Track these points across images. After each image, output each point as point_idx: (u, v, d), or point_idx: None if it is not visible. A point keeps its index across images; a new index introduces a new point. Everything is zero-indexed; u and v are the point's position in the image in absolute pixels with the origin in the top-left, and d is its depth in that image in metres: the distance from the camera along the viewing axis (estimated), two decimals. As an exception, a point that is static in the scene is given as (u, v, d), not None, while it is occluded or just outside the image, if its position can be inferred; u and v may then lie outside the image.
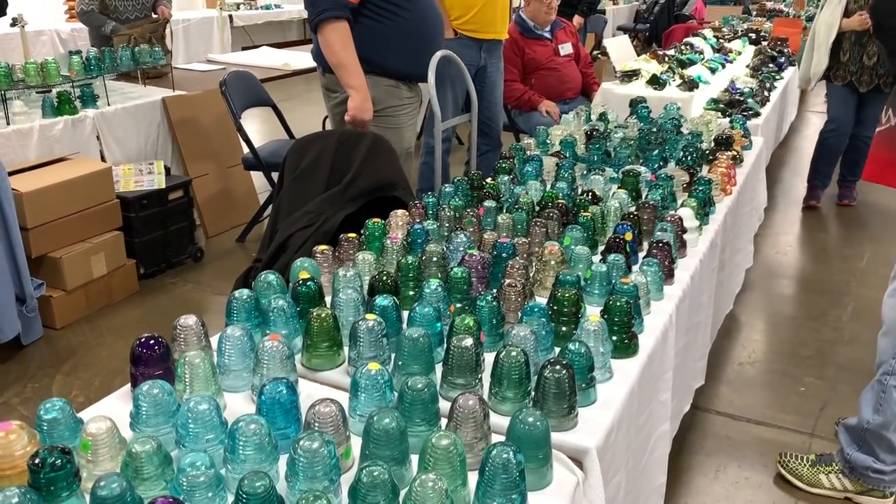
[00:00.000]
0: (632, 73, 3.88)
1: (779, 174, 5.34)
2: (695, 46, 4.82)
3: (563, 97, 4.60)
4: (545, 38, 4.61)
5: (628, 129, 2.92)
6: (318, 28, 2.65)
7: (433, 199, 2.13)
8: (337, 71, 2.70)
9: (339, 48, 2.64)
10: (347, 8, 2.63)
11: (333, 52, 2.65)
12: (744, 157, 2.81)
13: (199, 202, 3.85)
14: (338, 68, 2.68)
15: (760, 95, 3.92)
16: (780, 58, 5.02)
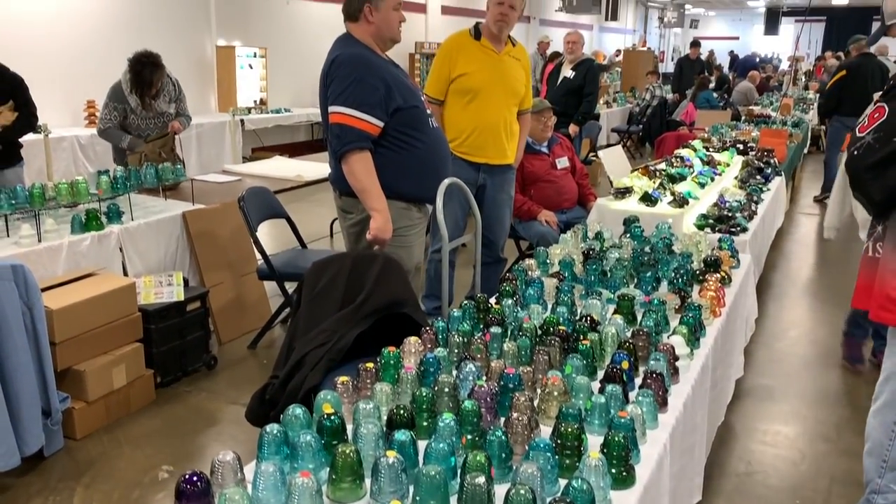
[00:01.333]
0: (625, 191, 4.12)
1: (770, 278, 5.52)
2: (685, 159, 5.09)
3: (561, 207, 4.84)
4: (543, 153, 4.89)
5: (623, 249, 3.11)
6: (344, 157, 2.89)
7: (443, 325, 2.29)
8: (361, 196, 2.93)
9: (363, 176, 2.88)
10: (369, 139, 2.89)
11: (358, 180, 2.89)
12: (732, 277, 2.99)
13: (213, 310, 4.01)
14: (362, 193, 2.91)
15: (748, 210, 4.14)
16: (767, 169, 5.28)
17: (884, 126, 2.01)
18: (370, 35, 2.98)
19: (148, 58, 4.48)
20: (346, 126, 2.84)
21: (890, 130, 2.00)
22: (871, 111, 2.10)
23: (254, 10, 9.81)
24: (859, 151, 2.07)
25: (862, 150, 2.05)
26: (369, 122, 2.86)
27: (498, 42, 3.91)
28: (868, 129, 2.06)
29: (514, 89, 3.95)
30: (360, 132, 2.85)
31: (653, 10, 26.55)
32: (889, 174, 2.02)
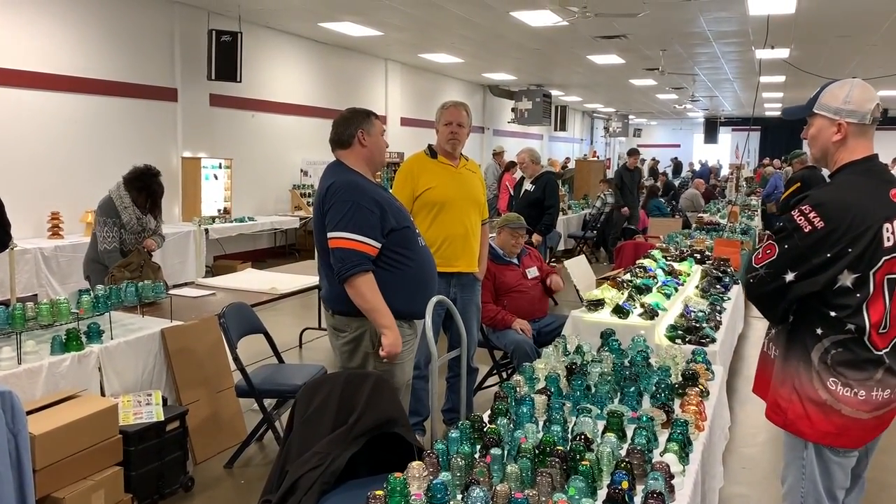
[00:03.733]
0: (597, 303, 4.28)
1: (734, 384, 5.67)
2: (648, 269, 5.32)
3: (533, 316, 4.98)
4: (514, 264, 5.06)
5: (604, 363, 3.22)
6: (349, 281, 2.99)
7: (442, 447, 2.33)
8: (370, 315, 3.02)
9: (371, 296, 2.99)
10: (371, 261, 3.00)
11: (367, 300, 3.00)
12: (710, 389, 3.11)
13: (189, 429, 3.95)
14: (371, 312, 3.01)
15: (714, 319, 4.33)
16: (725, 278, 5.54)
17: (773, 264, 2.29)
18: (363, 160, 3.15)
19: (153, 171, 4.59)
20: (348, 250, 2.96)
21: (779, 268, 2.27)
22: (765, 245, 2.35)
23: (220, 122, 10.07)
24: (754, 281, 2.35)
25: (756, 280, 2.34)
26: (369, 244, 2.99)
27: (453, 158, 4.17)
28: (762, 263, 2.32)
29: (475, 199, 4.19)
30: (362, 255, 2.98)
31: (598, 121, 27.93)
32: (778, 304, 2.33)
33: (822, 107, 2.34)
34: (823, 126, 2.33)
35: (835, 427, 2.29)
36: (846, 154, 2.32)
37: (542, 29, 10.03)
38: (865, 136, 2.32)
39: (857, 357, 2.26)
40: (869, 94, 2.31)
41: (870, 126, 2.32)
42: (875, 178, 2.31)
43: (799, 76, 13.40)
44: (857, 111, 2.29)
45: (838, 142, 2.31)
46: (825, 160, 2.39)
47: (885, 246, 2.20)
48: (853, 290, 2.22)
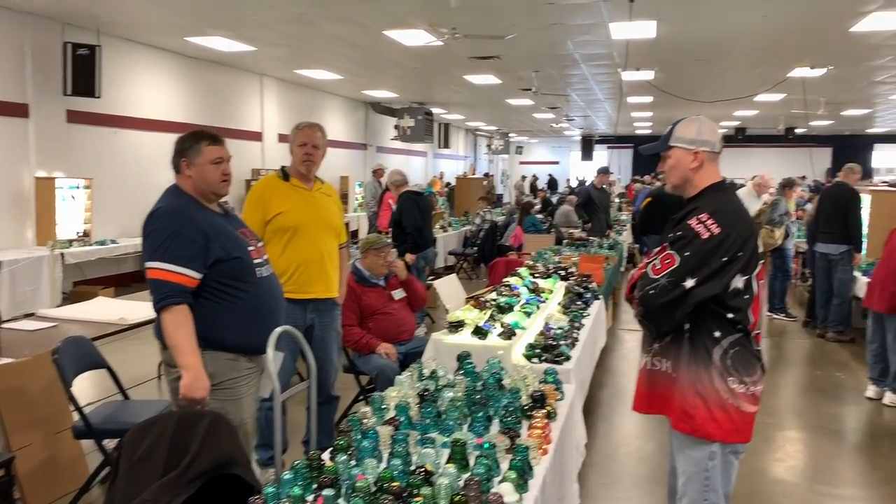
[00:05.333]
0: (458, 324, 4.27)
1: (598, 397, 5.83)
2: (513, 287, 5.38)
3: (400, 339, 4.91)
4: (380, 286, 4.99)
5: (456, 388, 3.20)
6: (160, 312, 2.80)
7: (273, 490, 2.22)
8: (172, 351, 2.84)
9: (173, 331, 2.81)
10: (187, 293, 2.83)
11: (169, 335, 2.82)
12: (558, 410, 3.14)
13: (20, 476, 3.62)
14: (173, 349, 2.83)
15: (571, 337, 4.41)
16: (587, 294, 5.68)
17: (675, 272, 2.42)
18: (191, 188, 2.99)
19: None
20: (161, 281, 2.80)
21: (680, 276, 2.41)
22: (663, 256, 2.48)
23: (79, 140, 9.48)
24: (655, 291, 2.45)
25: (658, 289, 2.44)
26: (187, 275, 2.83)
27: (307, 180, 4.05)
28: (662, 273, 2.44)
29: (330, 223, 4.08)
30: (177, 286, 2.81)
31: (481, 138, 28.46)
32: (677, 311, 2.44)
33: (678, 140, 2.62)
34: (681, 156, 2.60)
35: (735, 424, 2.48)
36: (705, 178, 2.59)
37: (417, 48, 10.07)
38: (716, 163, 2.63)
39: (750, 354, 2.50)
40: (715, 127, 2.65)
41: (718, 154, 2.63)
42: (736, 195, 2.65)
43: (665, 97, 14.10)
44: (710, 141, 2.60)
45: (696, 168, 2.58)
46: (684, 187, 2.63)
47: (759, 252, 2.54)
48: (743, 291, 2.45)
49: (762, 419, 5.21)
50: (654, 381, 2.63)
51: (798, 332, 8.43)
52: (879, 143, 28.34)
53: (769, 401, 5.82)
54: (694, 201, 2.58)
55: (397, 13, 8.12)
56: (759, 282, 2.52)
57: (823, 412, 5.67)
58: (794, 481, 4.47)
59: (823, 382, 6.46)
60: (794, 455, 4.91)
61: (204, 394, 2.82)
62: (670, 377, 2.57)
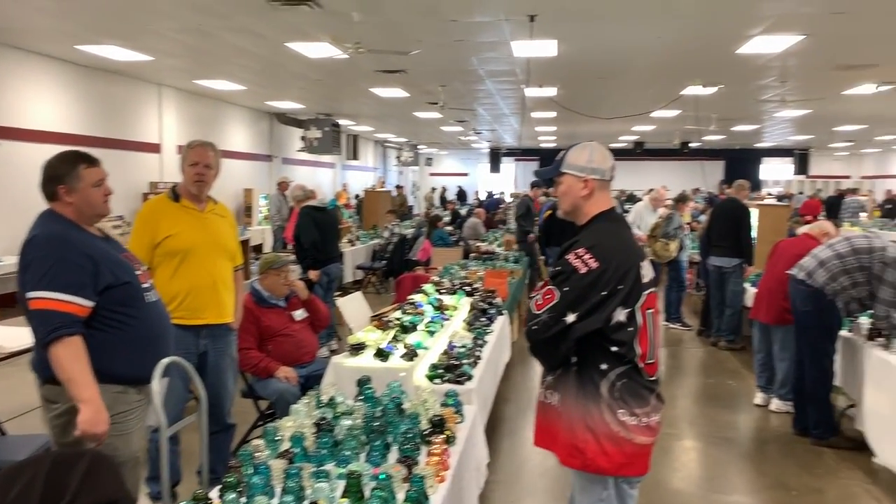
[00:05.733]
0: (359, 346, 4.21)
1: (503, 412, 5.87)
2: (418, 305, 5.36)
3: (301, 361, 4.80)
4: (280, 307, 4.87)
5: (355, 414, 3.13)
6: (50, 346, 2.62)
7: (155, 535, 2.10)
8: (67, 385, 2.66)
9: (69, 364, 2.64)
10: (79, 323, 2.66)
11: (64, 369, 2.64)
12: (457, 434, 3.13)
13: None
14: (68, 383, 2.65)
15: (473, 355, 4.42)
16: (491, 309, 5.72)
17: (555, 307, 2.41)
18: (71, 213, 2.83)
19: None
20: (50, 312, 2.62)
21: (560, 311, 2.40)
22: (544, 292, 2.48)
23: (-44, 152, 8.88)
24: (538, 327, 2.45)
25: (540, 325, 2.44)
26: (78, 303, 2.67)
27: (199, 201, 3.90)
28: (543, 308, 2.44)
29: (223, 246, 3.93)
30: (68, 316, 2.64)
31: (391, 150, 28.43)
32: (561, 346, 2.44)
33: (570, 166, 2.60)
34: (572, 183, 2.59)
35: (627, 457, 2.46)
36: (595, 206, 2.59)
37: (322, 61, 9.95)
38: (606, 191, 2.63)
39: (639, 385, 2.48)
40: (607, 155, 2.62)
41: (609, 182, 2.63)
42: (623, 225, 2.65)
43: (567, 113, 14.46)
44: (600, 168, 2.59)
45: (586, 196, 2.58)
46: (576, 213, 2.63)
47: (644, 282, 2.50)
48: (627, 324, 2.43)
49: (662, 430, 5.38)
50: (546, 415, 2.62)
51: (693, 340, 8.78)
52: (767, 157, 30.00)
53: (667, 411, 5.95)
54: (581, 231, 2.59)
55: (299, 26, 8.00)
56: (646, 312, 2.49)
57: (716, 420, 5.90)
58: (689, 490, 4.62)
59: (716, 390, 6.74)
60: (689, 464, 5.08)
61: (105, 427, 2.66)
62: (557, 411, 2.55)
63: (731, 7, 7.11)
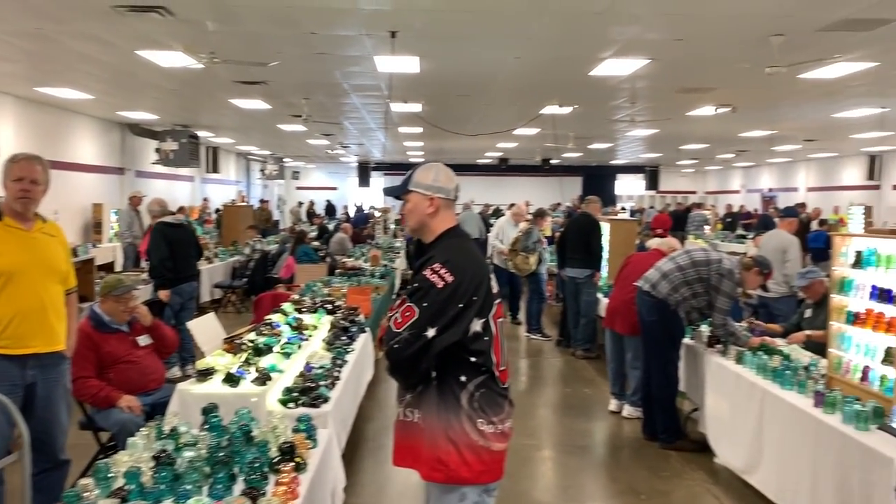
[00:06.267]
0: (207, 372, 4.00)
1: (366, 431, 5.78)
2: (274, 326, 5.18)
3: (146, 389, 4.52)
4: (122, 332, 4.56)
5: (199, 445, 2.96)
6: None
7: None
8: None
9: None
10: None
11: None
12: (308, 460, 3.02)
13: None
14: None
15: (332, 376, 4.32)
16: (353, 328, 5.63)
17: (416, 324, 2.43)
18: None
19: None
20: None
21: (421, 327, 2.42)
22: (403, 309, 2.48)
23: None
24: (399, 345, 2.44)
25: (401, 343, 2.44)
26: None
27: (25, 220, 3.59)
28: (404, 326, 2.44)
29: (53, 267, 3.64)
30: None
31: (254, 163, 27.65)
32: (422, 362, 2.46)
33: (417, 185, 2.66)
34: (419, 201, 2.65)
35: (486, 465, 2.52)
36: (441, 224, 2.66)
37: (176, 70, 9.51)
38: (450, 210, 2.71)
39: (495, 393, 2.55)
40: (451, 175, 2.71)
41: (453, 202, 2.70)
42: (468, 240, 2.73)
43: (433, 129, 14.62)
44: (445, 188, 2.66)
45: (432, 214, 2.63)
46: (422, 230, 2.67)
47: (494, 292, 2.62)
48: (483, 334, 2.52)
49: (521, 441, 5.49)
50: (406, 433, 2.61)
51: (552, 350, 9.06)
52: (621, 173, 31.74)
53: (527, 422, 6.15)
54: (430, 249, 2.63)
55: (150, 33, 7.60)
56: (497, 321, 2.60)
57: (573, 429, 6.09)
58: (547, 500, 4.73)
59: (573, 399, 6.97)
60: (547, 474, 5.21)
61: None
62: (419, 428, 2.56)
63: (582, 31, 7.44)
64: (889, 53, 8.19)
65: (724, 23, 7.03)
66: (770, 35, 7.29)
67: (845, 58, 8.34)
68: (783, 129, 16.41)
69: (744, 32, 7.36)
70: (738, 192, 30.39)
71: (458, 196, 2.72)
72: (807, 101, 11.88)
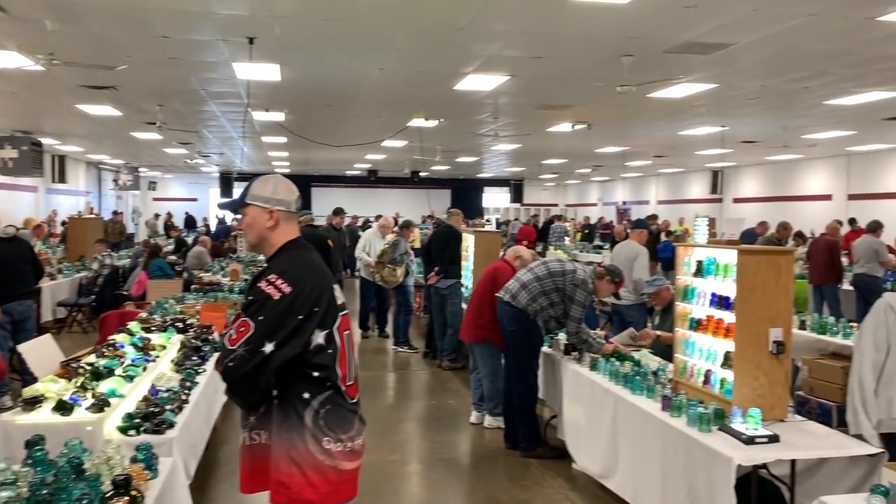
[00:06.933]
0: (35, 400, 3.64)
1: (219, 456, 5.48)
2: (118, 346, 4.82)
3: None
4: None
5: (20, 482, 2.67)
6: None
7: None
8: None
9: None
10: None
11: None
12: (147, 493, 2.80)
13: None
14: None
15: (179, 399, 4.05)
16: (206, 347, 5.34)
17: (251, 339, 2.30)
18: None
19: None
20: None
21: (258, 342, 2.30)
22: (238, 325, 2.35)
23: None
24: (234, 363, 2.31)
25: (237, 360, 2.30)
26: None
27: None
28: (239, 342, 2.31)
29: None
30: None
31: (107, 172, 26.02)
32: (261, 380, 2.33)
33: (255, 198, 2.54)
34: (257, 214, 2.53)
35: (334, 485, 2.40)
36: (282, 236, 2.53)
37: (12, 71, 8.76)
38: (292, 222, 2.58)
39: (343, 409, 2.44)
40: (291, 188, 2.60)
41: (295, 214, 2.58)
42: (311, 251, 2.58)
43: (298, 139, 14.31)
44: (285, 200, 2.55)
45: (272, 227, 2.51)
46: (262, 245, 2.55)
47: (338, 304, 2.50)
48: (326, 346, 2.39)
49: (385, 457, 5.41)
50: (255, 457, 2.47)
51: (419, 363, 9.04)
52: (488, 186, 32.51)
53: (392, 437, 6.07)
54: (269, 263, 2.52)
55: (-22, 30, 6.96)
56: (343, 333, 2.49)
57: (438, 442, 6.07)
58: (409, 516, 4.65)
59: (438, 411, 6.96)
60: (412, 489, 5.14)
61: None
62: (267, 449, 2.43)
63: (445, 45, 7.51)
64: (727, 76, 8.84)
65: (579, 42, 7.32)
66: (621, 55, 7.66)
67: (689, 79, 8.92)
68: (635, 145, 17.38)
69: (597, 52, 7.69)
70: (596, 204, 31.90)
71: (299, 208, 2.61)
72: (656, 119, 12.63)
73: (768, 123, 13.21)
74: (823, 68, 8.34)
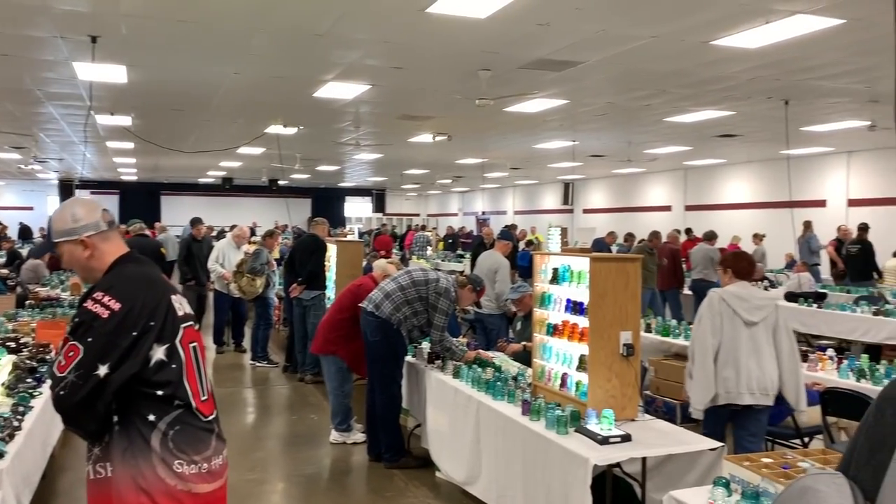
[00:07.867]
0: None
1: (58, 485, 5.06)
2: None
3: None
4: None
5: None
6: None
7: None
8: None
9: None
10: None
11: None
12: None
13: None
14: None
15: (10, 427, 3.69)
16: (41, 368, 4.92)
17: (82, 363, 2.13)
18: None
19: None
20: None
21: (89, 366, 2.13)
22: (66, 350, 2.17)
23: None
24: (66, 391, 2.13)
25: (68, 388, 2.12)
26: None
27: None
28: (68, 369, 2.13)
29: None
30: None
31: (-75, 177, 23.51)
32: (98, 406, 2.16)
33: (59, 234, 2.36)
34: (71, 249, 2.35)
35: None
36: (107, 257, 2.37)
37: None
38: (112, 239, 2.40)
39: (196, 429, 2.29)
40: (92, 206, 2.42)
41: (109, 230, 2.40)
42: (144, 262, 2.44)
43: (146, 144, 13.55)
44: (91, 223, 2.36)
45: (90, 255, 2.35)
46: (92, 274, 2.37)
47: (180, 315, 2.33)
48: (168, 362, 2.24)
49: (243, 476, 5.19)
50: (101, 492, 2.24)
51: (279, 377, 8.79)
52: (349, 196, 32.32)
53: (251, 455, 5.84)
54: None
55: None
56: (188, 346, 2.33)
57: (299, 458, 5.90)
58: (270, 536, 4.49)
59: (300, 427, 6.78)
60: (271, 508, 4.96)
61: None
62: (110, 482, 2.22)
63: (304, 51, 7.38)
64: (577, 92, 9.28)
65: (439, 54, 7.43)
66: (479, 69, 7.86)
67: (542, 94, 9.29)
68: (493, 157, 17.89)
69: (456, 65, 7.84)
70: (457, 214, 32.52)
71: (113, 221, 2.43)
72: (512, 132, 13.05)
73: (614, 138, 14.01)
74: (663, 87, 8.95)
